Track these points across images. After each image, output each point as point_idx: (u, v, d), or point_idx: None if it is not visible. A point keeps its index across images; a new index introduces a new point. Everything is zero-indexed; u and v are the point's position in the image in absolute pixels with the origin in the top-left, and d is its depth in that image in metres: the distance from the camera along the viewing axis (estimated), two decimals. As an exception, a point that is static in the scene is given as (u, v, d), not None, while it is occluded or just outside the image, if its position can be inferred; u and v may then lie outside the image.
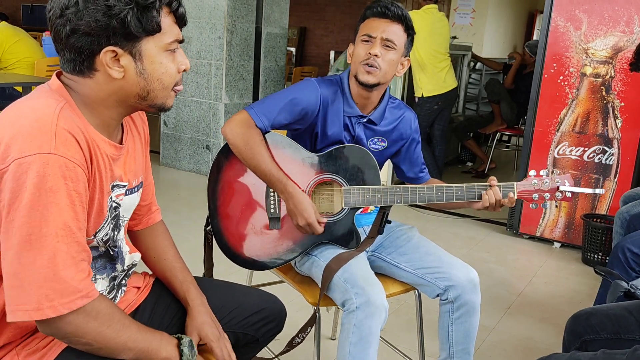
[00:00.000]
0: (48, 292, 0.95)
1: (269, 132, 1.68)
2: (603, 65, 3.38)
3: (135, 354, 1.06)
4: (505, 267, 3.35)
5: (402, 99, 4.80)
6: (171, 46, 1.07)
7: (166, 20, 1.05)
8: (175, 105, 4.95)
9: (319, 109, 1.71)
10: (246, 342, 1.43)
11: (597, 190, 1.59)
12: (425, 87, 4.57)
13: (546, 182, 1.60)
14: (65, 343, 1.06)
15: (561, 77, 3.49)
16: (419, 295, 1.85)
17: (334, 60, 6.63)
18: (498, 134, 5.89)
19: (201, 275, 1.89)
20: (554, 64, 3.50)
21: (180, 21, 1.09)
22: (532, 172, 1.61)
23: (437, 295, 1.73)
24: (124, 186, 1.17)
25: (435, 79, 4.55)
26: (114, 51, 1.01)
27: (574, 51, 3.44)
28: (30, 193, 0.93)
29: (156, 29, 1.03)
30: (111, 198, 1.12)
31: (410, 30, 1.73)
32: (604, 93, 3.40)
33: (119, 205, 1.16)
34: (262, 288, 2.12)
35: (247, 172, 1.69)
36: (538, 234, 3.74)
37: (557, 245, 3.70)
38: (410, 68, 4.68)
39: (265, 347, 1.98)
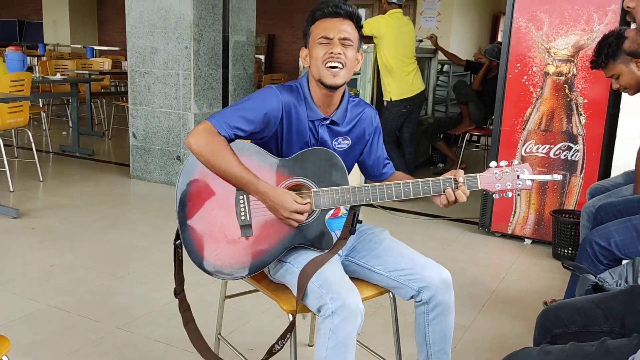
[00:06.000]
0: None
1: (233, 140, 1.67)
2: (565, 64, 3.46)
3: None
4: (478, 265, 3.39)
5: (372, 103, 4.84)
6: None
7: None
8: (143, 117, 4.89)
9: (282, 115, 1.71)
10: None
11: (555, 176, 1.64)
12: (394, 91, 4.61)
13: (507, 172, 1.64)
14: None
15: (525, 77, 3.56)
16: (394, 297, 1.86)
17: (304, 67, 6.64)
18: (467, 135, 5.97)
19: (172, 292, 1.87)
20: (518, 64, 3.57)
21: None
22: (492, 164, 1.65)
23: (412, 297, 1.74)
24: None
25: (402, 83, 4.60)
26: None
27: (536, 51, 3.51)
28: None
29: None
30: None
31: (359, 25, 1.76)
32: (567, 91, 3.47)
33: None
34: (236, 298, 2.12)
35: (215, 181, 1.68)
36: (509, 232, 3.80)
37: (528, 241, 3.76)
38: (378, 72, 4.72)
39: (242, 357, 1.97)
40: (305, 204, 1.65)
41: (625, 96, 3.25)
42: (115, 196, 4.59)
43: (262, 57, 10.12)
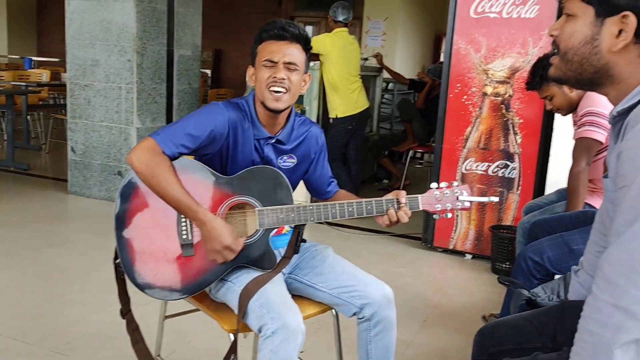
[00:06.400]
0: None
1: (177, 157, 1.64)
2: (502, 85, 3.60)
3: None
4: (421, 280, 3.45)
5: (317, 120, 4.88)
6: None
7: None
8: (83, 131, 4.75)
9: (227, 132, 1.70)
10: None
11: (492, 198, 1.70)
12: (339, 108, 4.67)
13: (447, 194, 1.68)
14: None
15: (465, 97, 3.68)
16: (337, 315, 1.87)
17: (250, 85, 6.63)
18: (411, 152, 6.10)
19: (112, 313, 1.81)
20: (458, 84, 3.69)
21: None
22: (433, 185, 1.69)
23: (354, 314, 1.75)
24: None
25: (348, 100, 4.67)
26: None
27: (475, 72, 3.64)
28: None
29: None
30: None
31: (308, 46, 1.75)
32: (504, 111, 3.61)
33: None
34: (177, 318, 2.07)
35: (155, 198, 1.64)
36: (451, 247, 3.89)
37: (468, 256, 3.86)
38: (324, 90, 4.77)
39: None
40: (238, 244, 1.63)
41: (558, 117, 3.41)
42: (52, 213, 4.42)
43: (208, 71, 10.05)
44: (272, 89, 1.68)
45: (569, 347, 1.02)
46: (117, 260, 1.70)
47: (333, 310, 1.83)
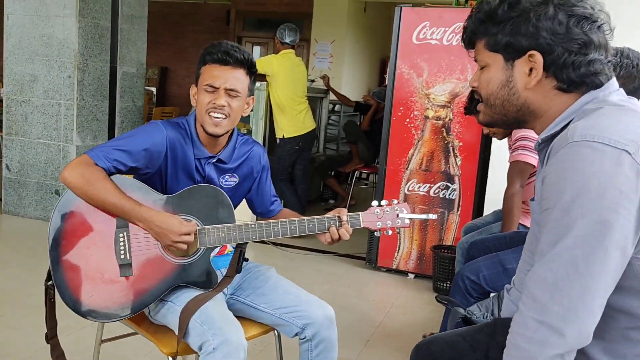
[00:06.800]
0: None
1: (113, 173, 1.61)
2: (443, 109, 3.72)
3: None
4: (365, 300, 3.48)
5: (264, 140, 4.89)
6: None
7: None
8: (19, 148, 4.57)
9: (166, 151, 1.68)
10: None
11: (430, 215, 1.76)
12: (286, 129, 4.70)
13: (387, 211, 1.72)
14: None
15: (407, 120, 3.78)
16: (279, 335, 1.86)
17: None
18: (357, 173, 6.18)
19: (43, 337, 1.74)
20: (401, 108, 3.79)
21: None
22: (374, 203, 1.73)
23: (296, 334, 1.76)
24: None
25: (294, 121, 4.70)
26: None
27: (417, 96, 3.75)
28: None
29: None
30: None
31: (252, 70, 1.74)
32: (444, 134, 3.73)
33: None
34: (115, 342, 2.01)
35: (92, 217, 1.60)
36: (394, 267, 3.95)
37: (411, 276, 3.93)
38: (271, 110, 4.79)
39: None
40: (191, 225, 1.61)
41: (495, 141, 3.55)
42: (-17, 233, 4.21)
43: (154, 89, 9.89)
44: (211, 114, 1.67)
45: (501, 362, 1.06)
46: (49, 282, 1.64)
47: (275, 331, 1.83)
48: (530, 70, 1.09)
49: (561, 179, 0.98)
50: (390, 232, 1.74)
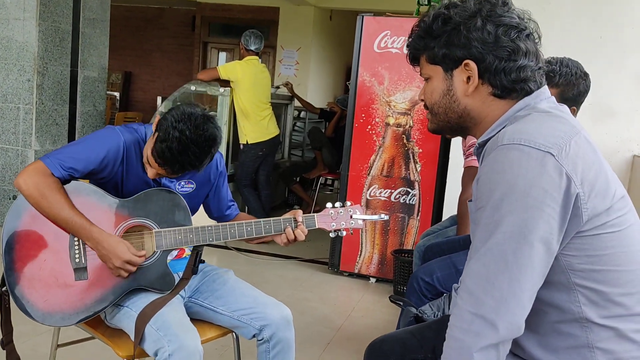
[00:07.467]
0: None
1: (68, 181, 1.62)
2: (403, 116, 3.80)
3: None
4: (327, 304, 3.52)
5: (227, 145, 4.89)
6: None
7: None
8: (-25, 152, 4.47)
9: (122, 157, 1.69)
10: None
11: (382, 216, 1.82)
12: (250, 135, 4.72)
13: (341, 213, 1.78)
14: None
15: (369, 127, 3.85)
16: (237, 337, 1.88)
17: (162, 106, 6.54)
18: (321, 179, 6.23)
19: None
20: (363, 115, 3.85)
21: None
22: (328, 205, 1.78)
23: (254, 336, 1.78)
24: None
25: (258, 127, 4.73)
26: None
27: (379, 103, 3.82)
28: None
29: None
30: None
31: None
32: (405, 141, 3.81)
33: None
34: (71, 346, 2.00)
35: (47, 221, 1.60)
36: (356, 271, 4.00)
37: (372, 280, 3.99)
38: (234, 116, 4.80)
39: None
40: (140, 256, 1.63)
41: (453, 147, 3.65)
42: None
43: (117, 94, 9.78)
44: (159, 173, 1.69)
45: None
46: (4, 288, 1.63)
47: (233, 333, 1.85)
48: (468, 78, 1.16)
49: (492, 179, 1.04)
50: (344, 233, 1.78)
